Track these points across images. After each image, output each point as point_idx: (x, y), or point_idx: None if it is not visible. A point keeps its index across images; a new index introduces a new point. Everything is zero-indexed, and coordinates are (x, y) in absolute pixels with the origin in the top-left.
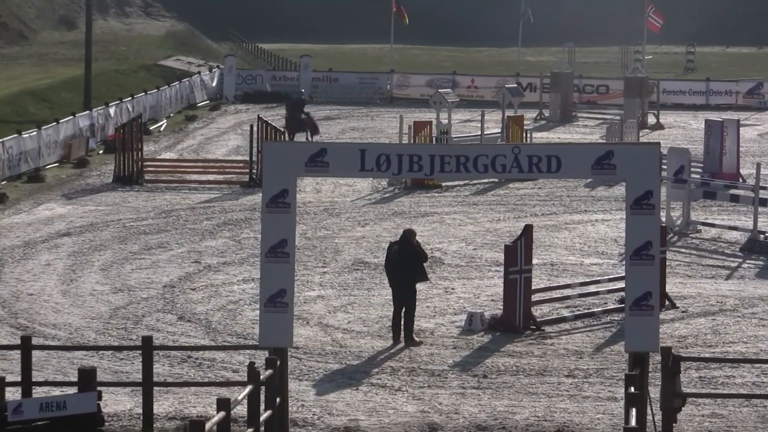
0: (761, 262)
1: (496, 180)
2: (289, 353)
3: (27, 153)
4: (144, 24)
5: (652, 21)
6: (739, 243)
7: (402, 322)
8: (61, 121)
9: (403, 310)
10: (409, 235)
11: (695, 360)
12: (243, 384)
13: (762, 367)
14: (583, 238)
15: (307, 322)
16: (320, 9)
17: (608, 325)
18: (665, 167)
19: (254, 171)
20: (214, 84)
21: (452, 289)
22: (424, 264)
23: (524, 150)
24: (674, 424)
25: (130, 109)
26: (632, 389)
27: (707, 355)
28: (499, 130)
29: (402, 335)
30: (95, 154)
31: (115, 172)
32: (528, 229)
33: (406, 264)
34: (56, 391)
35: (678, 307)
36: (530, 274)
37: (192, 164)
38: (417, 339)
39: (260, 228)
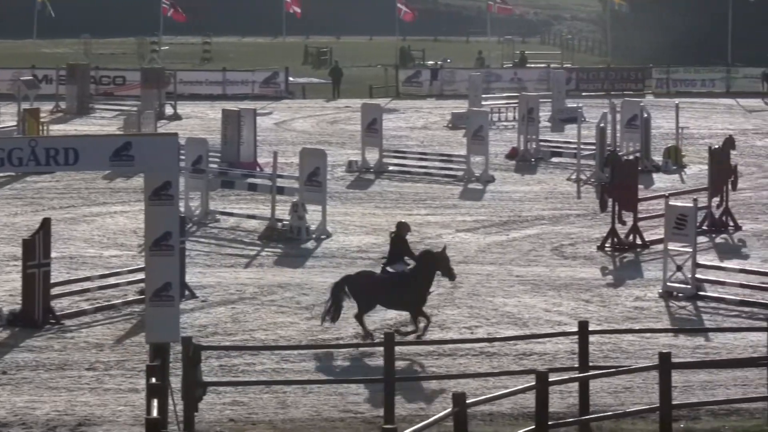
0: (279, 250)
1: (13, 174)
2: None
3: None
4: None
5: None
6: (257, 231)
7: None
8: None
9: None
10: None
11: (215, 349)
12: None
13: (281, 354)
14: (102, 230)
15: None
16: None
17: (129, 317)
18: (183, 157)
19: None
20: None
21: None
22: None
23: (41, 143)
24: (195, 413)
25: None
26: (153, 380)
27: (227, 344)
28: (16, 123)
29: None
30: None
31: None
32: (46, 223)
33: None
34: None
35: (198, 297)
36: (49, 268)
37: None
38: None
39: None
